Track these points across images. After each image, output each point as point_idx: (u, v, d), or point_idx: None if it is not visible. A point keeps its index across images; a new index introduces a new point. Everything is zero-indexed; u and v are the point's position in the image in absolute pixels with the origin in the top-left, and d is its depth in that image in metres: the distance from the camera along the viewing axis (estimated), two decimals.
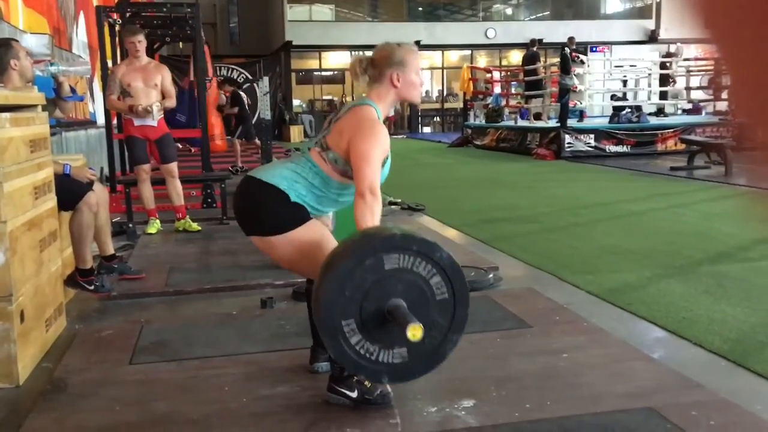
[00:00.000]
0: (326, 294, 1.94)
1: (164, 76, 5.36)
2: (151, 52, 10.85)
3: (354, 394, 2.25)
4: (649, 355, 2.71)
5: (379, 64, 2.35)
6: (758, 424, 2.13)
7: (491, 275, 3.85)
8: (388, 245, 1.96)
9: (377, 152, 2.21)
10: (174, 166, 5.43)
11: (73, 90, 3.95)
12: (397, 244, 1.97)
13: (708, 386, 2.37)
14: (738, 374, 2.57)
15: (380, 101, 2.36)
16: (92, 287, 3.58)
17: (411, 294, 1.98)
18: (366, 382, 2.26)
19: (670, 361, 2.67)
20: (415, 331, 1.87)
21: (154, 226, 5.39)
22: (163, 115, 5.41)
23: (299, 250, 2.24)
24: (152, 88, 5.25)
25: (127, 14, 7.71)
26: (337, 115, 2.37)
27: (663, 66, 15.25)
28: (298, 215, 2.23)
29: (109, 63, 7.49)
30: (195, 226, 5.47)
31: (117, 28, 7.84)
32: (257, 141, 10.56)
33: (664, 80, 15.21)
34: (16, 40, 3.78)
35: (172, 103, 5.50)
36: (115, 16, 7.47)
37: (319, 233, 2.26)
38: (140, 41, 5.23)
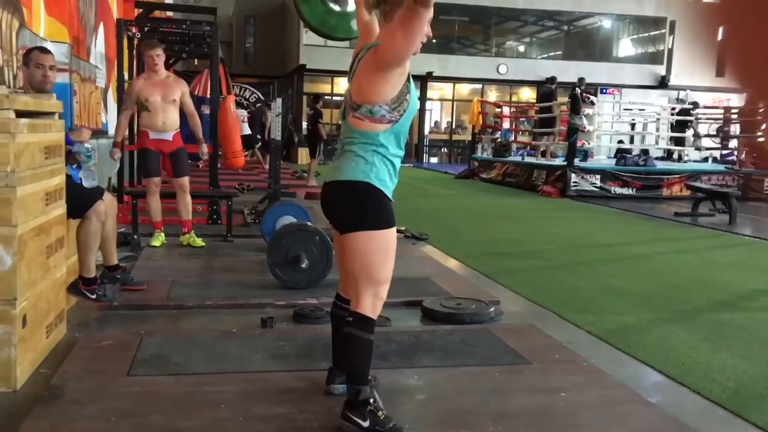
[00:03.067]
0: None
1: (184, 92, 5.39)
2: (166, 67, 11.00)
3: (366, 424, 2.22)
4: (648, 399, 2.70)
5: (392, 2, 2.23)
6: None
7: (492, 309, 3.85)
8: None
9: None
10: (186, 180, 5.46)
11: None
12: None
13: None
14: (735, 424, 2.55)
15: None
16: (94, 296, 3.59)
17: None
18: (379, 413, 2.25)
19: (668, 406, 2.66)
20: None
21: (159, 239, 5.41)
22: (179, 130, 5.44)
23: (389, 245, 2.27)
24: (170, 103, 5.28)
25: (146, 28, 7.83)
26: (353, 69, 2.32)
27: (682, 112, 15.27)
28: (388, 205, 2.26)
29: (125, 75, 7.58)
30: (199, 241, 5.48)
31: (135, 41, 7.95)
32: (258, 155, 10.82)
33: (679, 127, 15.20)
34: (42, 48, 3.82)
35: (196, 122, 5.51)
36: (134, 29, 7.58)
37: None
38: (159, 55, 5.26)
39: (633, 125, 17.71)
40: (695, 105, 15.79)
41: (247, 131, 13.53)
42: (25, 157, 2.68)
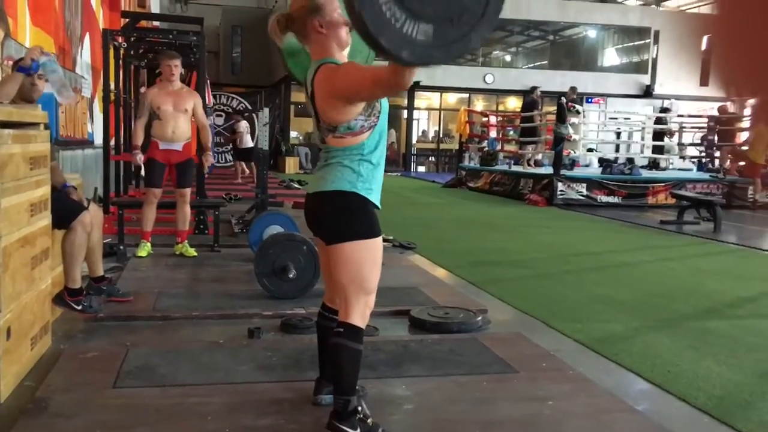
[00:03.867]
0: None
1: (196, 103, 5.47)
2: (153, 77, 10.98)
3: None
4: (634, 407, 2.71)
5: (297, 17, 2.25)
6: None
7: (480, 318, 3.86)
8: None
9: (353, 68, 2.17)
10: (188, 191, 5.54)
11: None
12: None
13: None
14: (721, 431, 2.57)
15: (328, 53, 2.25)
16: (80, 307, 3.56)
17: None
18: (368, 421, 2.24)
19: (654, 414, 2.67)
20: None
21: (146, 249, 5.39)
22: (190, 140, 5.49)
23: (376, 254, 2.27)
24: (181, 112, 5.34)
25: (133, 38, 7.82)
26: (309, 91, 2.29)
27: (658, 121, 15.48)
28: (374, 216, 2.27)
29: (111, 85, 7.56)
30: (192, 251, 5.50)
31: (122, 51, 7.93)
32: (247, 168, 10.89)
33: (659, 135, 15.43)
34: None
35: (207, 134, 5.61)
36: (120, 39, 7.56)
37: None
38: (176, 65, 5.33)
39: (618, 134, 17.86)
40: (665, 110, 15.96)
41: (250, 144, 13.27)
42: (9, 168, 2.66)
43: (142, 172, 6.06)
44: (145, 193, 5.51)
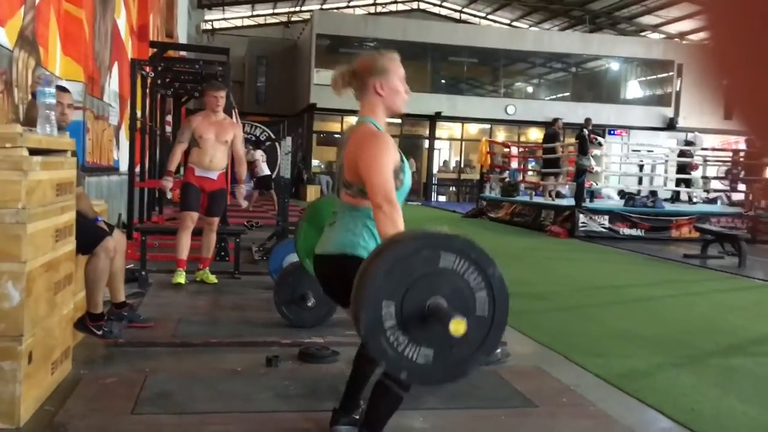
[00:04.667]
0: (376, 270, 1.88)
1: (237, 135, 5.58)
2: (179, 105, 11.16)
3: None
4: None
5: (360, 74, 2.29)
6: None
7: (499, 350, 3.82)
8: (448, 244, 1.93)
9: (384, 159, 2.16)
10: (217, 220, 5.64)
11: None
12: (457, 246, 1.93)
13: None
14: None
15: (374, 114, 2.31)
16: (101, 332, 3.59)
17: (455, 299, 1.91)
18: None
19: None
20: (458, 325, 1.80)
21: (182, 277, 5.39)
22: (224, 170, 5.59)
23: None
24: (222, 143, 5.45)
25: (160, 68, 7.98)
26: (342, 150, 2.32)
27: (682, 154, 15.37)
28: None
29: (138, 113, 7.70)
30: (212, 278, 5.55)
31: (149, 80, 8.09)
32: (273, 195, 11.08)
33: (682, 168, 15.31)
34: (61, 87, 3.87)
35: (242, 169, 5.72)
36: (148, 68, 7.72)
37: None
38: (222, 97, 5.46)
39: (641, 167, 17.76)
40: (690, 143, 15.84)
41: (266, 172, 13.66)
42: (36, 194, 2.71)
43: (168, 195, 6.16)
44: (181, 218, 5.56)
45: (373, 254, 1.96)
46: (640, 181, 17.18)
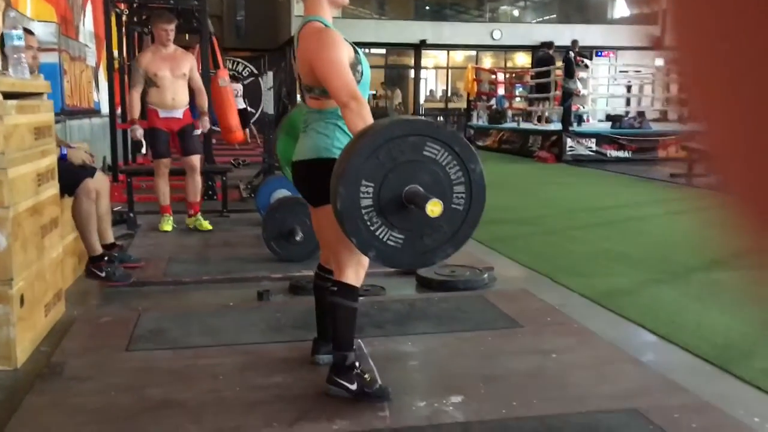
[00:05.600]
0: (361, 149, 1.89)
1: (192, 66, 5.18)
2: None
3: (353, 387, 2.28)
4: (637, 358, 2.75)
5: None
6: (739, 428, 2.18)
7: (486, 275, 3.89)
8: (437, 134, 1.94)
9: (337, 57, 2.15)
10: (196, 159, 5.25)
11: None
12: (444, 137, 1.94)
13: (693, 390, 2.41)
14: (723, 379, 2.61)
15: (318, 11, 2.28)
16: (104, 274, 3.62)
17: (432, 188, 1.93)
18: (366, 375, 2.31)
19: (657, 364, 2.72)
20: (435, 206, 1.83)
21: (169, 224, 5.25)
22: (189, 106, 5.26)
23: None
24: (180, 77, 5.08)
25: (134, 4, 7.77)
26: (295, 55, 2.31)
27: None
28: None
29: (115, 53, 7.54)
30: (206, 224, 5.28)
31: (124, 18, 7.89)
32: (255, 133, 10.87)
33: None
34: (27, 30, 3.79)
35: (204, 98, 5.32)
36: (122, 6, 7.52)
37: None
38: (172, 29, 5.04)
39: (629, 88, 17.61)
40: None
41: (242, 105, 13.35)
42: (14, 138, 2.69)
43: (143, 150, 5.82)
44: (154, 165, 5.28)
45: (360, 134, 1.96)
46: (628, 102, 17.04)
